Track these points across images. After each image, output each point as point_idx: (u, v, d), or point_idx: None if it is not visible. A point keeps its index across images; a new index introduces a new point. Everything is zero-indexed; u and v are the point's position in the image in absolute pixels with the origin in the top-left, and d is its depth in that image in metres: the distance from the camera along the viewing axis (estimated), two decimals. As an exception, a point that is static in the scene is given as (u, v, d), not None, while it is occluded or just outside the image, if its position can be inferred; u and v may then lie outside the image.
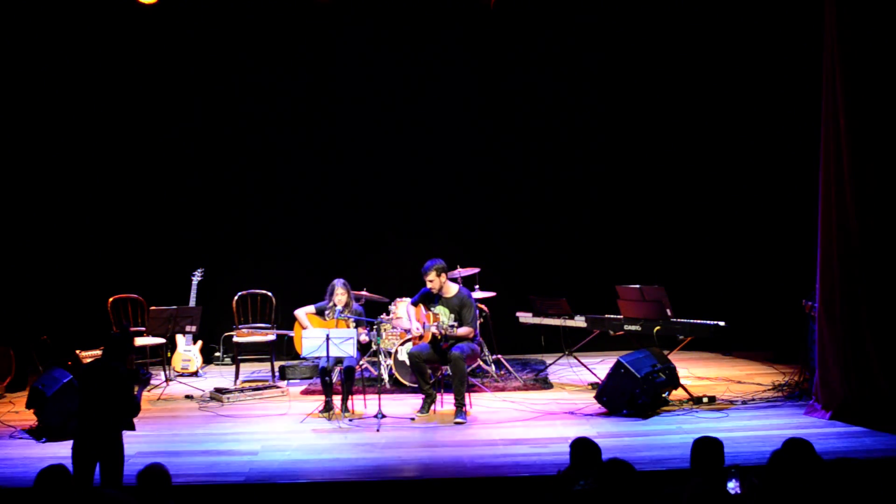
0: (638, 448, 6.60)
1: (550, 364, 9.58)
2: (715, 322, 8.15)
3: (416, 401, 8.05)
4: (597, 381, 8.55)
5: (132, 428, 5.66)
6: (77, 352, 8.85)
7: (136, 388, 5.71)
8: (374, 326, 8.91)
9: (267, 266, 10.21)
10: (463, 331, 7.67)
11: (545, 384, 8.87)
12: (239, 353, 9.44)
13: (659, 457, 6.38)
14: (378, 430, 7.29)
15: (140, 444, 6.61)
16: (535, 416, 7.69)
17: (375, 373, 9.05)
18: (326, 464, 6.51)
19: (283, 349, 9.94)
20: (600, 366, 8.92)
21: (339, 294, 7.99)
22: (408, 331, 8.33)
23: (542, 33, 10.19)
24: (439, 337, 7.74)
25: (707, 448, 4.49)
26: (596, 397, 7.84)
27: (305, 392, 8.78)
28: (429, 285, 7.81)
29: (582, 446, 4.72)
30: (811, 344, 7.70)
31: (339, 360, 7.83)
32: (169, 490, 4.46)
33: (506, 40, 10.21)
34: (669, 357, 7.93)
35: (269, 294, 9.64)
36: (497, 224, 10.45)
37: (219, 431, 7.49)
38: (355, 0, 10.00)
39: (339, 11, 9.94)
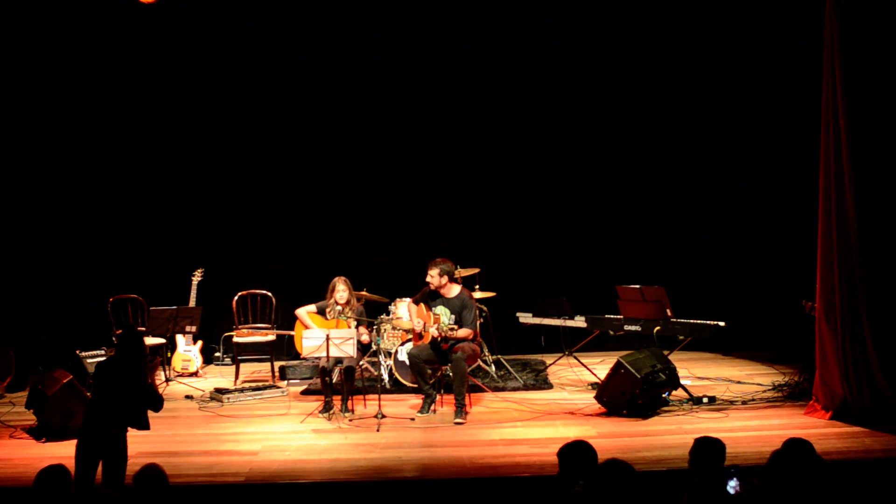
0: (638, 448, 6.60)
1: (550, 364, 9.58)
2: (715, 322, 8.15)
3: (416, 401, 8.06)
4: (597, 381, 8.55)
5: (147, 427, 5.66)
6: (77, 352, 8.85)
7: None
8: (375, 326, 8.92)
9: (267, 266, 10.21)
10: (463, 332, 7.68)
11: (545, 384, 8.87)
12: (239, 353, 9.44)
13: (659, 457, 6.38)
14: (378, 430, 7.29)
15: (140, 444, 6.60)
16: (535, 416, 7.69)
17: (375, 373, 9.05)
18: (326, 464, 6.51)
19: (283, 349, 9.93)
20: (600, 366, 8.92)
21: (341, 290, 8.00)
22: (408, 331, 8.34)
23: (543, 32, 10.18)
24: (439, 338, 7.75)
25: (707, 448, 4.48)
26: (596, 397, 7.84)
27: (305, 392, 8.78)
28: (428, 279, 7.83)
29: (573, 451, 4.41)
30: (811, 344, 7.69)
31: (339, 360, 7.83)
32: (166, 490, 4.46)
33: (506, 40, 10.20)
34: (669, 357, 7.93)
35: (269, 294, 9.64)
36: (497, 224, 10.45)
37: (219, 431, 7.49)
38: (355, 1, 9.99)
39: (339, 11, 9.94)
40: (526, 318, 9.31)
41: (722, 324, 8.13)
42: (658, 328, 8.24)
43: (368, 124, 10.37)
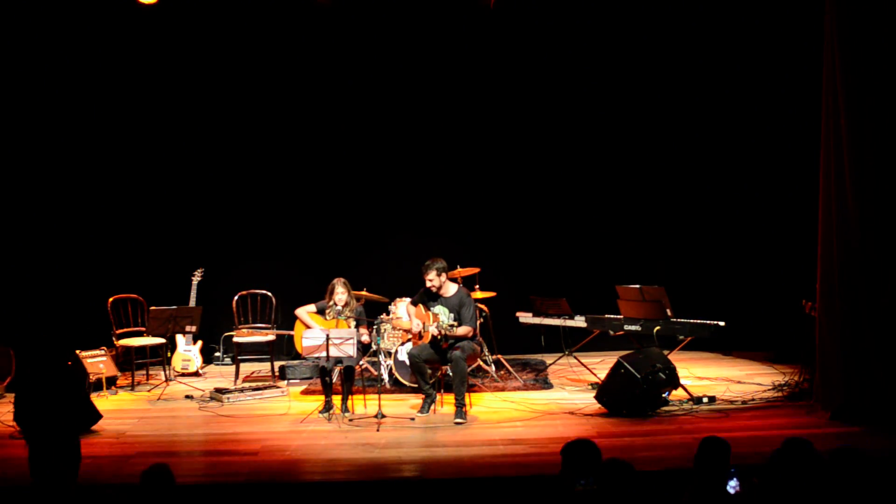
0: (638, 448, 6.60)
1: (550, 364, 9.58)
2: (715, 322, 8.14)
3: (416, 401, 8.05)
4: (597, 381, 8.54)
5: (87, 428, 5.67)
6: (77, 352, 8.85)
7: None
8: (375, 326, 8.91)
9: (267, 266, 10.21)
10: (462, 330, 7.67)
11: (545, 384, 8.87)
12: (239, 353, 9.44)
13: (659, 457, 6.37)
14: (378, 430, 7.29)
15: (140, 443, 6.61)
16: (535, 416, 7.69)
17: (375, 373, 9.05)
18: (326, 464, 6.50)
19: (283, 349, 9.94)
20: (600, 366, 8.91)
21: (340, 293, 8.00)
22: (408, 331, 8.34)
23: (543, 33, 10.18)
24: (439, 337, 7.75)
25: (713, 448, 4.46)
26: (596, 397, 7.84)
27: (305, 392, 8.78)
28: (428, 284, 7.81)
29: (577, 450, 4.43)
30: (811, 344, 7.68)
31: (339, 360, 7.83)
32: (173, 490, 4.46)
33: (506, 40, 10.21)
34: (669, 357, 7.92)
35: (269, 294, 9.65)
36: (497, 224, 10.45)
37: (219, 431, 7.49)
38: (355, 0, 10.00)
39: (339, 11, 9.95)
40: (526, 317, 9.31)
41: (722, 323, 8.12)
42: (658, 328, 8.23)
43: (367, 123, 10.38)
